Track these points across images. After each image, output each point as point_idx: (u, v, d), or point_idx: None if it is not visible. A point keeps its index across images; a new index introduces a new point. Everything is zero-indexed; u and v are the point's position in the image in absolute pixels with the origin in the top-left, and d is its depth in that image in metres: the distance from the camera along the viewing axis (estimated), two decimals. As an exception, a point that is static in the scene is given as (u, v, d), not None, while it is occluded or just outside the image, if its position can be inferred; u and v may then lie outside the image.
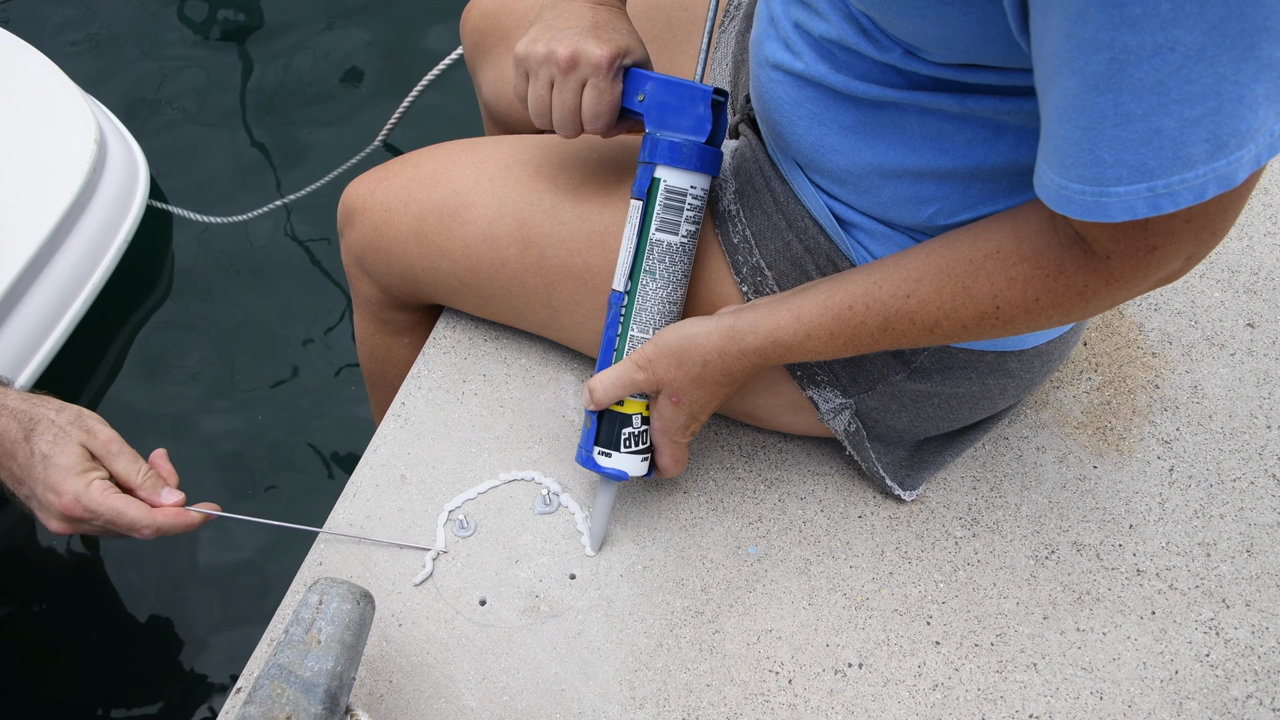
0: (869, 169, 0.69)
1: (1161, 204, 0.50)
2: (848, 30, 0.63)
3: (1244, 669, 0.79)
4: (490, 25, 1.03)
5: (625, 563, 0.84)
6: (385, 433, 0.91)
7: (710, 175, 0.75)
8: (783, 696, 0.78)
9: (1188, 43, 0.45)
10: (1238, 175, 0.49)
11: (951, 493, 0.88)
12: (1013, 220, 0.61)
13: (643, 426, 0.78)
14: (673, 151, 0.73)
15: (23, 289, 1.29)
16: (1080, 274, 0.58)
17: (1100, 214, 0.51)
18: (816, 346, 0.68)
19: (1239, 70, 0.46)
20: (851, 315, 0.66)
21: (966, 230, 0.64)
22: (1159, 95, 0.47)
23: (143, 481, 0.74)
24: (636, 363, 0.74)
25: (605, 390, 0.76)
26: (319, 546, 0.85)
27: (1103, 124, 0.48)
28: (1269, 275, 1.01)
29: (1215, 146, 0.48)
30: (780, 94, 0.72)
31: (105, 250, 1.39)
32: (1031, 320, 0.62)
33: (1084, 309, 0.60)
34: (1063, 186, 0.52)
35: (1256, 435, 0.91)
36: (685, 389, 0.74)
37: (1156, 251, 0.54)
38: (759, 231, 0.76)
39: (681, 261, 0.76)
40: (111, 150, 1.42)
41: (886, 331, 0.66)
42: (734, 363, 0.71)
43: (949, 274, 0.63)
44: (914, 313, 0.64)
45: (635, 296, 0.76)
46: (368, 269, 0.92)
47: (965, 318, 0.63)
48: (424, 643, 0.80)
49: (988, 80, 0.60)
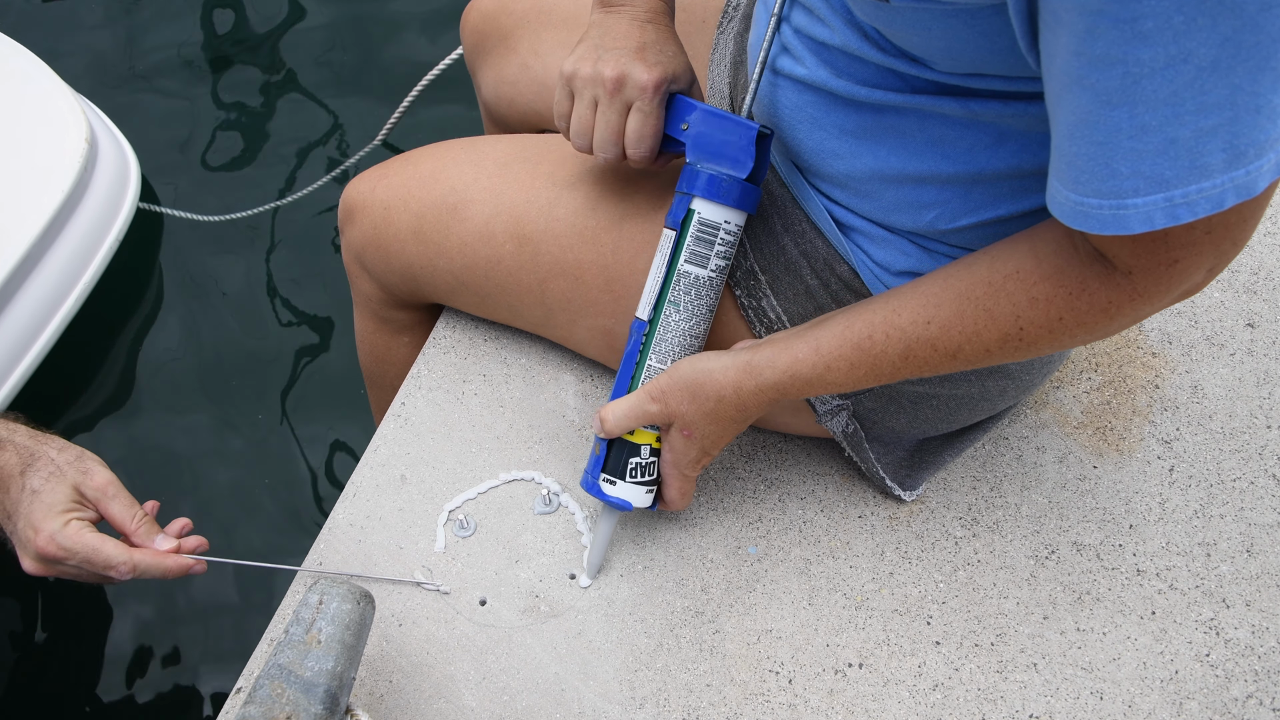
0: (870, 173, 0.69)
1: (1180, 214, 0.49)
2: (851, 36, 0.63)
3: (1244, 669, 0.79)
4: (490, 25, 1.03)
5: (625, 563, 0.84)
6: (385, 433, 0.91)
7: (746, 213, 0.73)
8: (783, 696, 0.78)
9: (1201, 55, 0.45)
10: (1257, 184, 0.49)
11: (951, 493, 0.88)
12: (1030, 240, 0.60)
13: (651, 458, 0.77)
14: (711, 185, 0.71)
15: (13, 289, 1.29)
16: (1104, 291, 0.57)
17: (1118, 227, 0.51)
18: (837, 378, 0.68)
19: (1256, 81, 0.46)
20: (872, 345, 0.65)
21: (983, 253, 0.63)
22: (1173, 106, 0.46)
23: (136, 526, 0.71)
24: (650, 394, 0.74)
25: (617, 420, 0.75)
26: (319, 546, 0.85)
27: (1118, 137, 0.48)
28: (1269, 275, 1.01)
29: (1233, 156, 0.48)
30: (780, 98, 0.72)
31: (96, 250, 1.39)
32: (1056, 340, 0.61)
33: (1109, 326, 0.59)
34: (1079, 203, 0.51)
35: (1256, 435, 0.91)
36: (698, 423, 0.73)
37: (1178, 264, 0.54)
38: (754, 235, 0.76)
39: (708, 295, 0.75)
40: (103, 150, 1.42)
41: (908, 359, 0.65)
42: (749, 398, 0.71)
43: (968, 297, 0.62)
44: (935, 339, 0.63)
45: (657, 326, 0.75)
46: (368, 267, 0.92)
47: (988, 341, 0.62)
48: (424, 643, 0.80)
49: (992, 86, 0.60)
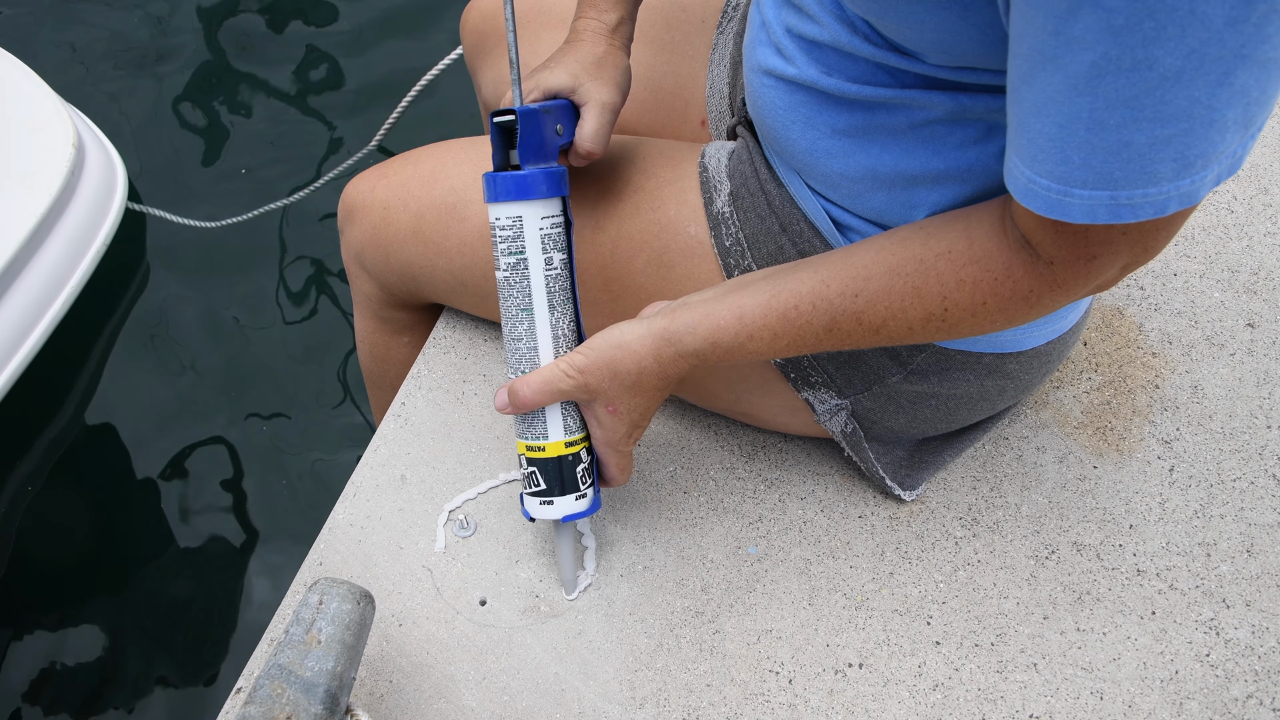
0: (863, 172, 0.69)
1: (1122, 214, 0.50)
2: (841, 32, 0.63)
3: (1244, 669, 0.79)
4: (490, 25, 1.03)
5: (625, 563, 0.84)
6: (385, 433, 0.91)
7: (504, 201, 0.70)
8: (783, 696, 0.78)
9: (1166, 64, 0.45)
10: (1199, 193, 0.50)
11: (951, 493, 0.88)
12: (965, 221, 0.61)
13: (589, 457, 0.76)
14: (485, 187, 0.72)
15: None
16: (1026, 278, 0.58)
17: (1061, 212, 0.51)
18: (758, 347, 0.67)
19: (1214, 96, 0.46)
20: (797, 315, 0.65)
21: (917, 228, 0.63)
22: (1132, 110, 0.47)
23: None
24: (565, 370, 0.71)
25: (533, 394, 0.72)
26: (319, 546, 0.85)
27: (1076, 125, 0.48)
28: (1269, 275, 1.01)
29: (1182, 166, 0.48)
30: (773, 99, 0.72)
31: (83, 255, 1.40)
32: (976, 323, 0.61)
33: (1026, 314, 0.60)
34: (1031, 180, 0.52)
35: (1256, 435, 0.91)
36: (622, 398, 0.71)
37: (1095, 260, 0.55)
38: (752, 235, 0.76)
39: (516, 292, 0.72)
40: (89, 155, 1.43)
41: (831, 332, 0.65)
42: (670, 366, 0.69)
43: (899, 273, 0.62)
44: (861, 312, 0.63)
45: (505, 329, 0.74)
46: (367, 267, 0.92)
47: (912, 319, 0.62)
48: (424, 643, 0.80)
49: (982, 80, 0.60)
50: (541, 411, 0.74)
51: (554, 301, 0.72)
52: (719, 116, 0.91)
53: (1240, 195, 1.06)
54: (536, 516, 0.76)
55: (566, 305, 0.73)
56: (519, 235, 0.71)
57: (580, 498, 0.76)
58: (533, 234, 0.71)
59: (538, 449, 0.74)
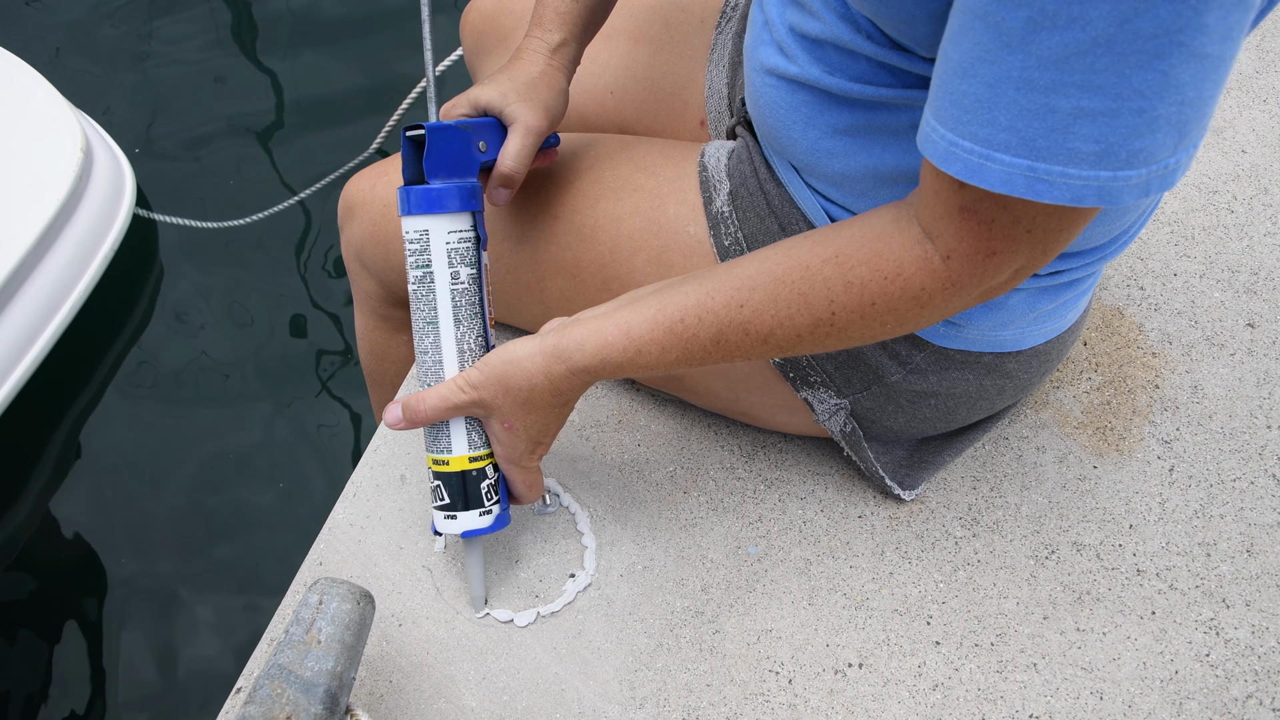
0: (864, 172, 0.69)
1: (1039, 189, 0.49)
2: (843, 30, 0.63)
3: (1244, 669, 0.79)
4: (490, 25, 1.03)
5: (625, 563, 0.84)
6: (385, 432, 0.91)
7: (413, 215, 0.71)
8: (783, 696, 0.78)
9: (1098, 26, 0.44)
10: (1121, 195, 0.49)
11: (951, 493, 0.88)
12: (855, 225, 0.61)
13: (496, 474, 0.75)
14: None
15: (8, 297, 1.29)
16: (918, 276, 0.57)
17: (980, 178, 0.50)
18: (648, 361, 0.66)
19: (1144, 79, 0.45)
20: (684, 329, 0.64)
21: (804, 236, 0.63)
22: (1062, 71, 0.46)
23: None
24: (460, 386, 0.71)
25: (432, 409, 0.72)
26: (319, 546, 0.85)
27: (1005, 84, 0.48)
28: (1269, 275, 1.01)
29: (1103, 151, 0.47)
30: (774, 98, 0.72)
31: (91, 258, 1.41)
32: (865, 327, 0.61)
33: (917, 315, 0.59)
34: (953, 142, 0.51)
35: (1256, 435, 0.91)
36: (516, 414, 0.70)
37: (994, 257, 0.55)
38: (751, 235, 0.76)
39: (411, 306, 0.74)
40: (98, 160, 1.43)
41: (719, 344, 0.64)
42: (562, 383, 0.69)
43: (784, 280, 0.61)
44: (747, 322, 0.63)
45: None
46: (367, 264, 0.92)
47: (800, 326, 0.62)
48: (424, 643, 0.80)
49: None
50: (446, 425, 0.73)
51: (459, 315, 0.73)
52: (718, 116, 0.91)
53: (1240, 195, 1.07)
54: (441, 531, 0.76)
55: (474, 320, 0.73)
56: (425, 249, 0.72)
57: (484, 514, 0.75)
58: (439, 248, 0.72)
59: (442, 462, 0.74)
